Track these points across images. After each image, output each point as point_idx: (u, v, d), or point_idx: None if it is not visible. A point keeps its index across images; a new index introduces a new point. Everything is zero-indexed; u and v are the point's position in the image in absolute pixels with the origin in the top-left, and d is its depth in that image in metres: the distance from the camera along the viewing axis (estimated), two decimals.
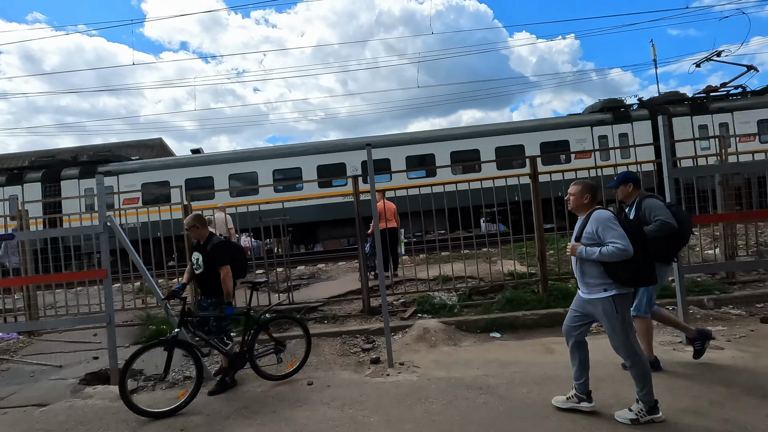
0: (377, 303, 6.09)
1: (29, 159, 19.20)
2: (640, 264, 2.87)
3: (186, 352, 4.08)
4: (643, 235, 3.00)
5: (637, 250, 2.84)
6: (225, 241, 4.44)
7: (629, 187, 3.84)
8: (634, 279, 2.90)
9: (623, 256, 2.82)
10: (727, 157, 6.42)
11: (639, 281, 2.95)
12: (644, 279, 2.95)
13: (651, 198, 3.74)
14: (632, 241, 2.85)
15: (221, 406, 3.86)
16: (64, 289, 6.92)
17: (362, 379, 4.22)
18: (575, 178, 4.27)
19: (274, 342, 4.50)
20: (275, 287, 7.23)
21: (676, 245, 3.72)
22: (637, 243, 2.87)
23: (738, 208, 6.51)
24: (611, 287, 2.93)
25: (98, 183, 4.80)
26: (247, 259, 4.61)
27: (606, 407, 3.18)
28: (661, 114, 15.27)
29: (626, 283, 2.91)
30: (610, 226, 2.89)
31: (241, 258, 4.45)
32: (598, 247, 2.91)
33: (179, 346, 3.91)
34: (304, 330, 4.65)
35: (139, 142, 27.61)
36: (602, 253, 2.87)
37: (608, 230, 2.89)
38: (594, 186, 3.13)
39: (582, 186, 3.12)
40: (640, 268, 2.88)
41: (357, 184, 6.39)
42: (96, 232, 4.67)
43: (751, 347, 4.19)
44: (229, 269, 4.17)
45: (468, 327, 5.48)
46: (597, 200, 3.13)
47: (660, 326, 5.03)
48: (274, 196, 13.26)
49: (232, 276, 4.21)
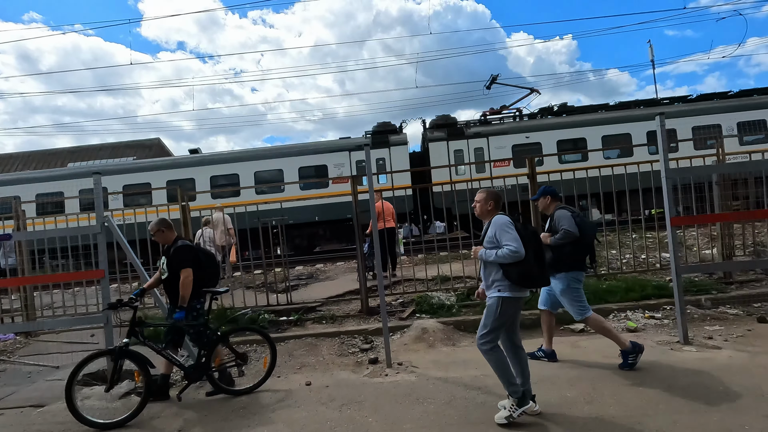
0: (376, 303, 6.08)
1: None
2: (531, 266, 3.05)
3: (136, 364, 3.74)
4: (537, 240, 3.17)
5: (529, 254, 3.04)
6: (190, 245, 4.21)
7: (547, 200, 4.18)
8: (524, 279, 3.07)
9: (515, 258, 3.01)
10: (724, 157, 6.44)
11: (528, 282, 3.10)
12: (533, 280, 3.11)
13: (561, 209, 4.07)
14: (525, 245, 3.03)
15: (220, 406, 3.85)
16: (61, 289, 6.90)
17: (360, 380, 4.22)
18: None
19: (235, 355, 4.18)
20: (274, 287, 7.23)
21: (580, 251, 3.99)
22: (530, 247, 3.05)
23: (736, 208, 6.54)
24: (505, 289, 3.11)
25: (95, 183, 4.78)
26: (219, 266, 4.39)
27: (604, 407, 3.18)
28: (430, 141, 15.34)
29: (518, 283, 3.08)
30: (506, 230, 3.09)
31: (212, 265, 4.26)
32: (496, 250, 3.09)
33: (128, 356, 3.70)
34: (268, 341, 4.35)
35: (137, 142, 27.55)
36: (497, 255, 3.08)
37: (504, 234, 3.08)
38: (497, 194, 3.36)
39: (486, 194, 3.33)
40: (530, 269, 3.05)
41: (355, 184, 6.39)
42: (93, 232, 4.66)
43: (748, 347, 4.20)
44: (191, 273, 3.96)
45: (466, 327, 5.48)
46: (500, 207, 3.33)
47: (659, 327, 5.06)
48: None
49: (202, 284, 4.04)
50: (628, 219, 6.58)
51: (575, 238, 3.89)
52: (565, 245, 3.91)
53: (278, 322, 6.14)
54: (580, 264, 4.02)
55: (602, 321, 4.11)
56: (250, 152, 16.31)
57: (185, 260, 3.99)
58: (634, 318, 5.34)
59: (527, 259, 3.02)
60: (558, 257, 3.94)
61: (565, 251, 3.91)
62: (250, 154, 15.91)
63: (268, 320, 6.10)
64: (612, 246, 7.58)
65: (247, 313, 5.14)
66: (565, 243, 3.90)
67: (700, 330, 4.78)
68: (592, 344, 4.64)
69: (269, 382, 4.22)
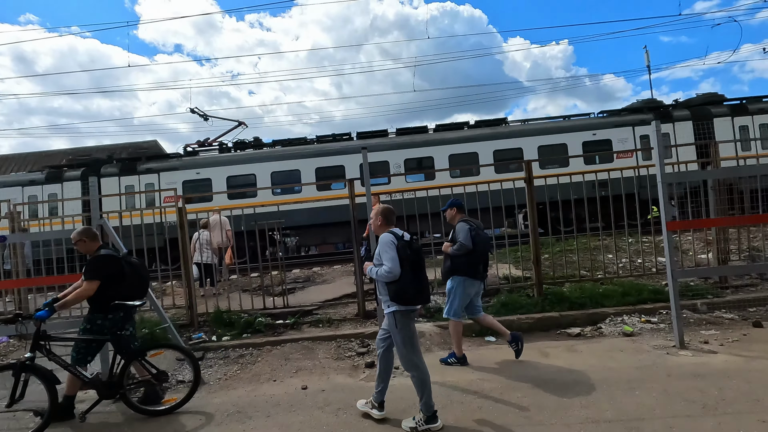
0: (372, 307, 6.08)
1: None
2: (405, 285, 3.12)
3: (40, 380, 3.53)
4: (416, 259, 3.22)
5: (406, 272, 3.12)
6: (111, 257, 3.87)
7: (453, 211, 4.57)
8: (398, 297, 3.15)
9: (389, 277, 3.12)
10: (719, 162, 6.48)
11: (402, 300, 3.15)
12: (408, 299, 3.16)
13: (461, 222, 4.46)
14: (403, 265, 3.11)
15: (214, 409, 3.83)
16: (56, 292, 6.85)
17: (357, 384, 4.21)
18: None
19: (149, 374, 3.86)
20: (270, 290, 7.21)
21: (473, 261, 4.36)
22: (408, 266, 3.13)
23: (731, 213, 6.58)
24: (392, 304, 3.19)
25: (91, 186, 4.77)
26: (145, 278, 4.09)
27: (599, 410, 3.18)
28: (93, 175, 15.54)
29: (393, 300, 3.17)
30: (386, 249, 3.17)
31: (138, 277, 3.96)
32: (378, 268, 3.21)
33: (32, 371, 3.50)
34: (190, 359, 4.06)
35: (134, 145, 27.48)
36: (377, 273, 3.20)
37: (384, 253, 3.18)
38: (387, 210, 3.41)
39: (376, 210, 3.43)
40: (404, 288, 3.13)
41: (353, 187, 6.39)
42: None
43: (743, 351, 4.22)
44: (94, 287, 3.68)
45: (463, 331, 5.46)
46: (391, 222, 3.40)
47: (655, 331, 5.07)
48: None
49: (122, 297, 3.76)
50: (624, 224, 6.59)
51: (468, 251, 4.30)
52: (460, 255, 4.33)
53: (274, 326, 6.11)
54: (474, 272, 4.40)
55: (461, 330, 4.52)
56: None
57: (94, 272, 3.73)
58: (630, 322, 5.35)
59: (403, 278, 3.11)
60: (455, 266, 4.40)
61: (461, 260, 4.35)
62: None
63: (264, 324, 6.08)
64: (608, 250, 7.61)
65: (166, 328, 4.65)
66: (461, 254, 4.31)
67: (696, 334, 4.79)
68: (588, 348, 4.65)
69: (268, 385, 4.20)
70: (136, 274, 3.98)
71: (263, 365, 4.95)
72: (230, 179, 14.64)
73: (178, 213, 6.52)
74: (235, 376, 4.73)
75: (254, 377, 4.62)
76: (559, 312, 5.68)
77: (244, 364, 5.05)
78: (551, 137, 14.67)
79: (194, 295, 6.47)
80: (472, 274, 4.39)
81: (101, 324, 3.80)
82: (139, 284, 4.00)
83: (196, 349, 5.52)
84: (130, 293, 3.86)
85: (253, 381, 4.51)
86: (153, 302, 4.75)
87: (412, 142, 14.94)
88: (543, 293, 6.06)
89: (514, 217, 13.00)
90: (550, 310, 5.73)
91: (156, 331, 5.83)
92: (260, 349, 5.47)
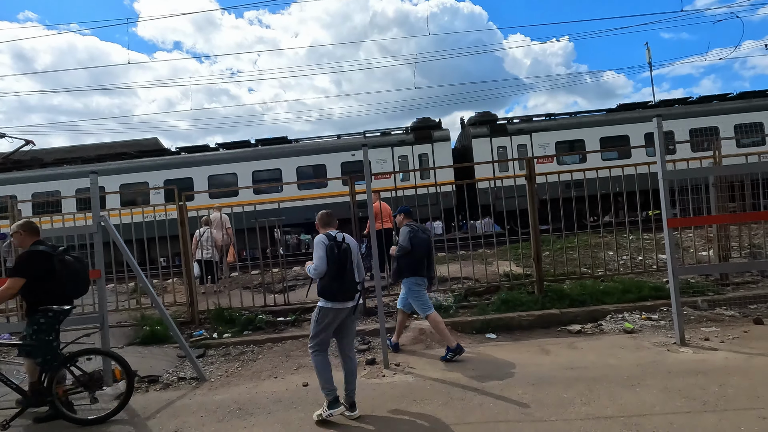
0: (373, 304, 6.08)
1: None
2: (329, 283, 3.40)
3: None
4: (344, 259, 3.43)
5: (332, 270, 3.37)
6: (44, 253, 3.62)
7: (401, 217, 4.99)
8: (323, 293, 3.43)
9: (315, 274, 3.43)
10: (721, 159, 6.47)
11: (327, 295, 3.42)
12: (331, 295, 3.41)
13: (405, 225, 4.84)
14: (331, 263, 3.36)
15: (215, 406, 3.83)
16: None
17: (358, 381, 4.20)
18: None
19: (78, 380, 3.66)
20: (271, 288, 7.21)
21: (415, 261, 4.69)
22: (335, 265, 3.37)
23: (732, 209, 6.56)
24: (321, 300, 3.46)
25: (92, 183, 4.76)
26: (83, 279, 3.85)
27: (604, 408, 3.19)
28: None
29: (319, 295, 3.45)
30: (316, 249, 3.44)
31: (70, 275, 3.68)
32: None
33: None
34: (121, 365, 3.79)
35: (134, 142, 27.43)
36: (308, 270, 3.50)
37: (315, 251, 3.44)
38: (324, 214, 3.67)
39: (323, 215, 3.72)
40: (329, 285, 3.40)
41: (353, 184, 6.38)
42: (90, 232, 4.63)
43: (744, 348, 4.22)
44: (17, 284, 3.49)
45: (464, 328, 5.49)
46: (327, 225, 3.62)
47: (655, 328, 5.08)
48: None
49: (52, 297, 3.57)
50: (625, 220, 6.60)
51: (407, 251, 4.65)
52: (402, 256, 4.70)
53: (275, 323, 6.13)
54: (417, 271, 4.71)
55: (439, 321, 4.66)
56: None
57: (19, 268, 3.55)
58: (630, 319, 5.36)
59: (327, 276, 3.37)
60: (399, 267, 4.77)
61: (404, 261, 4.70)
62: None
63: (265, 321, 6.09)
64: (609, 247, 7.60)
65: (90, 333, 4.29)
66: (402, 255, 4.68)
67: (697, 331, 4.79)
68: (588, 345, 4.65)
69: (271, 383, 4.20)
70: (71, 272, 3.71)
71: (264, 362, 4.96)
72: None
73: (178, 210, 6.51)
74: (236, 373, 4.74)
75: (255, 374, 4.63)
76: (559, 309, 5.69)
77: (245, 361, 5.06)
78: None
79: (195, 292, 6.48)
80: (415, 273, 4.70)
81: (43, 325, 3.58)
82: (75, 284, 3.75)
83: (197, 346, 5.54)
84: (62, 293, 3.64)
85: (254, 378, 4.51)
86: (154, 299, 4.76)
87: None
88: (544, 290, 6.06)
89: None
90: (551, 308, 5.74)
91: (156, 328, 5.84)
92: (261, 346, 5.49)
